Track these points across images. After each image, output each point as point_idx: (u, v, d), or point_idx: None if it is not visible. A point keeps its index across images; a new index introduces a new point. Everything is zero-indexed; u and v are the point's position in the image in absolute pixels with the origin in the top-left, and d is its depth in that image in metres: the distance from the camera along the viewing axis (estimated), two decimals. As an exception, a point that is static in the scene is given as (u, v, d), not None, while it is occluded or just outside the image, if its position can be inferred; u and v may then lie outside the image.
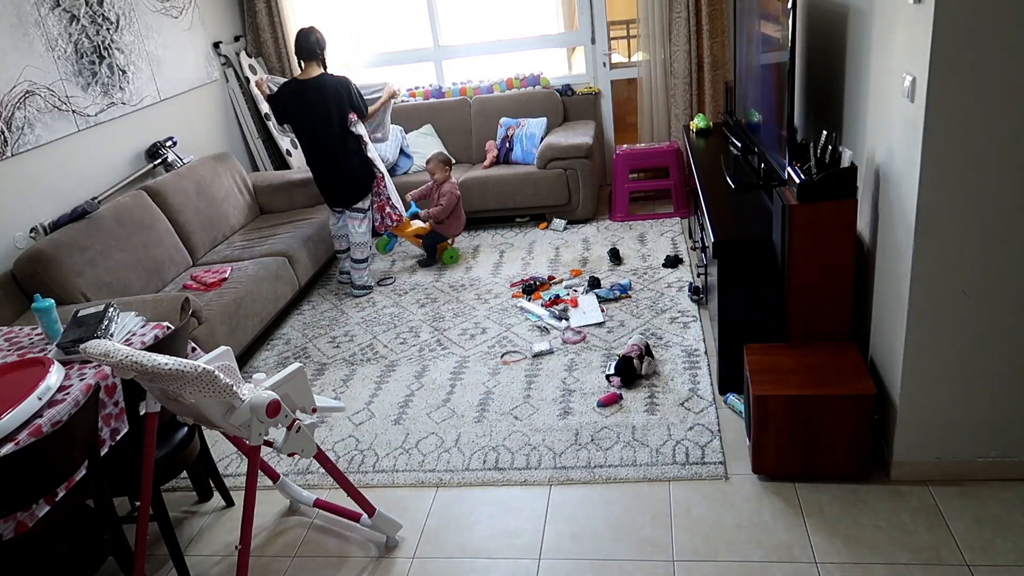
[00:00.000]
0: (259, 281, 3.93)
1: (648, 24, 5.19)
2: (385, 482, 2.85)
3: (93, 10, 4.20)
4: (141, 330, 2.63)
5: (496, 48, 5.74)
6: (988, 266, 2.21)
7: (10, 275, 3.46)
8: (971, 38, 1.99)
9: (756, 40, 3.38)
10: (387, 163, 5.37)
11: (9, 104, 3.59)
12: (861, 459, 2.50)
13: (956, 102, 2.06)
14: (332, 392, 3.50)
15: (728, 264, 2.88)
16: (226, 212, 4.68)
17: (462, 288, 4.42)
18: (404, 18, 5.80)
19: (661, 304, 3.90)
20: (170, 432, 2.58)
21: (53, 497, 2.06)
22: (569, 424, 3.02)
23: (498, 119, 5.52)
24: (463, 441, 3.02)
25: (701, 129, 4.50)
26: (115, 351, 2.00)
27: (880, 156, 2.51)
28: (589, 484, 2.70)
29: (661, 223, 5.04)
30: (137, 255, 3.86)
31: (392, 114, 5.71)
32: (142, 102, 4.53)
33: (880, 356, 2.61)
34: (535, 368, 3.47)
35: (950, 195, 2.15)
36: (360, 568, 2.47)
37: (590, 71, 5.62)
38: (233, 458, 3.11)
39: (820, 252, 2.57)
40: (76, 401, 2.20)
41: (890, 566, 2.19)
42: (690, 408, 3.01)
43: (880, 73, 2.49)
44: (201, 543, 2.68)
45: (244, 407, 2.07)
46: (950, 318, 2.28)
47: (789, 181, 2.65)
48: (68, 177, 3.94)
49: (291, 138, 5.70)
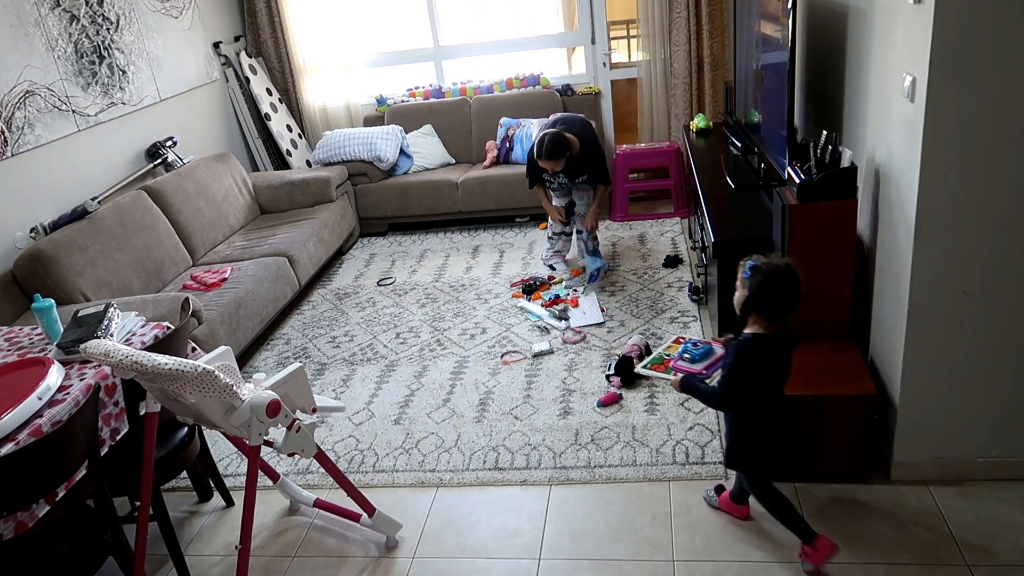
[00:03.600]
0: (259, 281, 3.93)
1: (648, 24, 5.19)
2: (385, 482, 2.85)
3: (93, 10, 4.20)
4: (141, 330, 2.63)
5: (496, 48, 5.74)
6: (988, 266, 2.21)
7: (10, 275, 3.46)
8: (971, 38, 1.99)
9: (756, 40, 3.38)
10: (387, 163, 5.37)
11: (9, 104, 3.59)
12: (861, 459, 2.50)
13: (956, 102, 2.06)
14: (332, 392, 3.50)
15: (728, 264, 2.88)
16: (226, 212, 4.68)
17: (462, 288, 4.42)
18: (404, 18, 5.80)
19: (661, 304, 3.90)
20: (170, 432, 2.58)
21: (53, 497, 2.05)
22: (569, 424, 3.02)
23: (498, 119, 5.52)
24: (463, 441, 3.02)
25: (701, 129, 4.50)
26: (115, 351, 2.00)
27: (880, 156, 2.51)
28: (589, 484, 2.70)
29: (661, 223, 5.04)
30: (137, 255, 3.86)
31: (392, 114, 5.74)
32: (142, 102, 4.53)
33: (880, 356, 2.61)
34: (535, 368, 3.47)
35: (950, 195, 2.15)
36: (360, 568, 2.47)
37: (590, 71, 5.62)
38: (233, 458, 3.11)
39: (820, 252, 2.57)
40: (76, 401, 2.20)
41: (890, 566, 2.19)
42: (690, 408, 3.01)
43: (880, 73, 2.49)
44: (201, 543, 2.68)
45: (244, 407, 2.07)
46: (950, 318, 2.28)
47: (789, 181, 2.65)
48: (68, 177, 3.94)
49: (291, 138, 5.70)
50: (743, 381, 2.16)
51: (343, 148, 5.36)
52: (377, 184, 5.39)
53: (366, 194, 5.39)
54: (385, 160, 5.36)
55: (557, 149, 3.91)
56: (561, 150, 3.92)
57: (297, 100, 5.84)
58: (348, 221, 5.19)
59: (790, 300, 2.10)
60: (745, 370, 2.16)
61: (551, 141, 3.90)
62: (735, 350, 2.17)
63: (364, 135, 5.39)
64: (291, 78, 5.78)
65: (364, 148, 5.34)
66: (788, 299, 2.10)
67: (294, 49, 5.67)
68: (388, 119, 5.73)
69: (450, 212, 5.35)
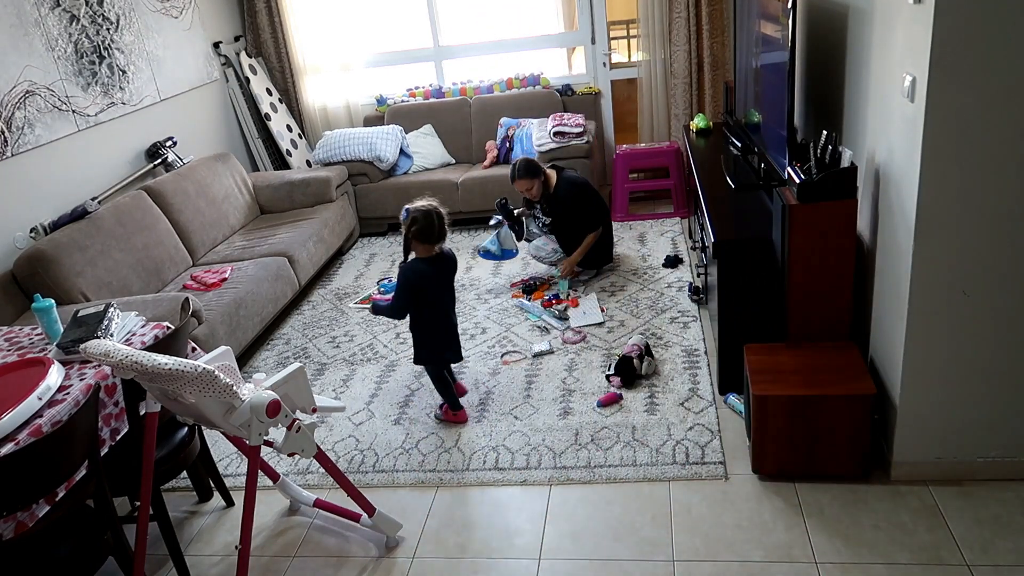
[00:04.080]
0: (259, 281, 3.93)
1: (648, 24, 5.19)
2: (385, 482, 2.85)
3: (93, 10, 4.20)
4: (141, 330, 2.62)
5: (496, 48, 5.74)
6: (988, 266, 2.21)
7: (10, 275, 3.46)
8: (971, 38, 1.99)
9: (756, 40, 3.38)
10: (387, 163, 5.37)
11: (9, 104, 3.59)
12: (861, 459, 2.50)
13: (956, 102, 2.06)
14: (332, 392, 3.50)
15: (728, 264, 2.88)
16: (226, 212, 4.68)
17: (462, 288, 4.42)
18: (404, 18, 5.80)
19: (661, 304, 3.90)
20: (170, 432, 2.58)
21: (53, 497, 2.05)
22: (569, 424, 3.02)
23: (498, 119, 5.52)
24: (463, 441, 3.02)
25: (701, 129, 4.49)
26: (115, 351, 2.00)
27: (880, 156, 2.51)
28: (589, 484, 2.70)
29: (661, 223, 5.04)
30: (137, 255, 3.86)
31: (392, 114, 5.74)
32: (142, 102, 4.53)
33: (880, 356, 2.61)
34: (535, 368, 3.46)
35: (950, 195, 2.15)
36: (360, 568, 2.47)
37: (590, 71, 5.62)
38: (233, 458, 3.11)
39: (820, 252, 2.57)
40: (76, 401, 2.20)
41: (890, 566, 2.19)
42: (690, 408, 3.01)
43: (880, 73, 2.49)
44: (201, 543, 2.68)
45: (244, 407, 2.07)
46: (950, 318, 2.28)
47: (789, 181, 2.65)
48: (68, 177, 3.94)
49: (291, 138, 5.71)
50: (414, 295, 2.94)
51: (343, 148, 5.36)
52: (377, 184, 5.39)
53: (366, 194, 5.39)
54: (385, 160, 5.36)
55: (529, 169, 4.08)
56: (533, 171, 4.08)
57: (297, 100, 5.84)
58: (348, 221, 5.19)
59: (438, 230, 2.91)
60: (411, 286, 2.93)
61: (523, 161, 4.11)
62: (402, 272, 2.95)
63: (364, 135, 5.39)
64: (291, 78, 5.78)
65: (364, 148, 5.34)
66: (436, 229, 2.90)
67: (294, 49, 5.67)
68: (388, 119, 5.73)
69: (450, 212, 5.27)
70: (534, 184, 4.11)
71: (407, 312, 3.02)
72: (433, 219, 2.90)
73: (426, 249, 2.93)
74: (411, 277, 2.92)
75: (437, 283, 2.99)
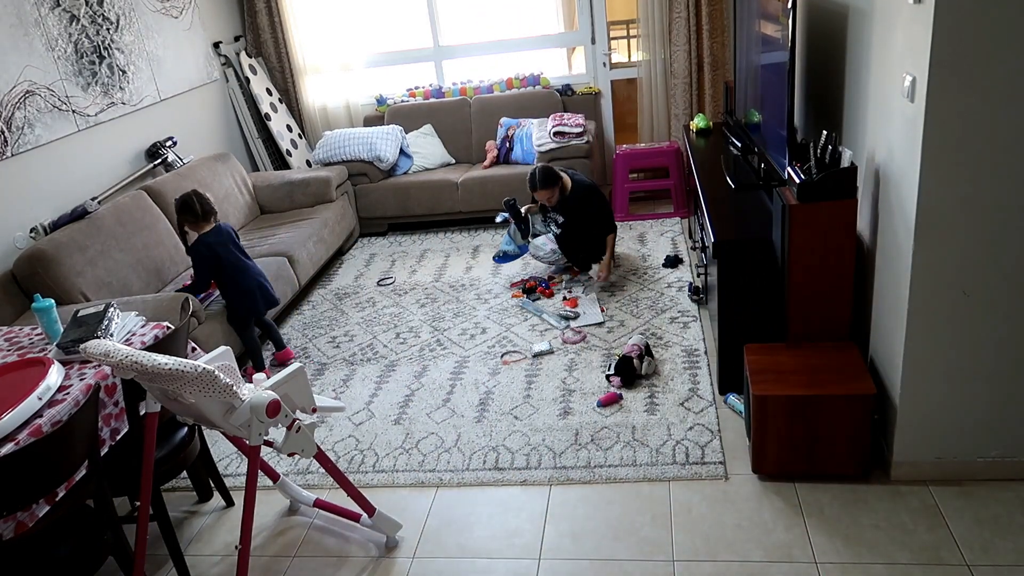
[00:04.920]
0: (259, 281, 3.93)
1: (648, 24, 5.19)
2: (385, 482, 2.85)
3: (93, 10, 4.20)
4: (141, 330, 2.63)
5: (496, 48, 5.74)
6: (988, 266, 2.21)
7: (10, 275, 3.46)
8: (971, 38, 1.99)
9: (756, 40, 3.38)
10: (387, 163, 5.37)
11: (9, 104, 3.59)
12: (861, 459, 2.50)
13: (956, 102, 2.06)
14: (332, 392, 3.50)
15: (728, 264, 2.88)
16: (226, 212, 4.67)
17: (462, 288, 4.42)
18: (404, 18, 5.80)
19: (661, 304, 3.90)
20: (170, 432, 2.58)
21: (53, 497, 2.06)
22: (569, 424, 3.02)
23: (498, 119, 5.52)
24: (463, 441, 3.02)
25: (701, 129, 4.49)
26: (115, 351, 2.00)
27: (880, 156, 2.51)
28: (589, 484, 2.70)
29: (661, 223, 5.04)
30: (137, 255, 3.86)
31: (392, 114, 5.74)
32: (142, 102, 4.53)
33: (880, 356, 2.61)
34: (535, 368, 3.47)
35: (950, 195, 2.15)
36: (360, 568, 2.47)
37: (590, 71, 5.62)
38: (233, 458, 3.11)
39: (820, 252, 2.57)
40: (76, 401, 2.20)
41: (890, 566, 2.20)
42: (690, 408, 3.01)
43: (880, 73, 2.49)
44: (201, 543, 2.68)
45: (244, 407, 2.07)
46: (950, 318, 2.28)
47: (789, 181, 2.65)
48: (68, 177, 3.94)
49: (291, 138, 5.71)
50: (211, 264, 3.43)
51: (343, 148, 5.36)
52: (377, 184, 5.39)
53: (366, 194, 5.39)
54: (385, 160, 5.36)
55: (548, 178, 4.08)
56: (552, 179, 4.08)
57: (297, 100, 5.84)
58: (348, 221, 5.19)
59: (201, 208, 3.42)
60: (205, 257, 3.42)
61: (541, 170, 4.10)
62: (193, 253, 3.45)
63: (364, 135, 5.39)
64: (291, 78, 5.78)
65: (364, 148, 5.34)
66: (198, 207, 3.41)
67: (294, 49, 5.67)
68: (388, 119, 5.73)
69: (450, 212, 5.35)
70: (555, 192, 4.12)
71: (209, 282, 3.50)
72: (192, 200, 3.41)
73: (201, 226, 3.44)
74: (202, 250, 3.41)
75: (226, 247, 3.47)
